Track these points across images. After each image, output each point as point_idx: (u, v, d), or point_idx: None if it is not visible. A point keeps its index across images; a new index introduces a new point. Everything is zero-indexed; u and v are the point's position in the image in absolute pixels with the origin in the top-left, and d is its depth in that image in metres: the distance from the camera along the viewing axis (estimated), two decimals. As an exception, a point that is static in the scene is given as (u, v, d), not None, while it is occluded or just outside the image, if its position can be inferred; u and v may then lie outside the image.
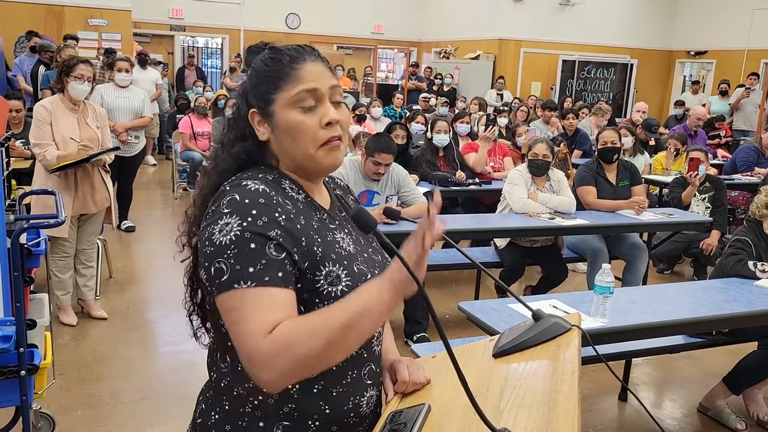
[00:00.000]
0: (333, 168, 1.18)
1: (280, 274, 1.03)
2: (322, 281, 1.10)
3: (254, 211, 1.05)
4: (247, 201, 1.06)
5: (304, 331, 0.99)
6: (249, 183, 1.09)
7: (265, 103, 1.14)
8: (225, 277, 1.02)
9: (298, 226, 1.09)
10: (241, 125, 1.18)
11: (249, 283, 1.01)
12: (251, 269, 1.02)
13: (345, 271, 1.12)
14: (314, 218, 1.15)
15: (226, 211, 1.05)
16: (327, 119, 1.13)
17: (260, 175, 1.13)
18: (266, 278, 1.02)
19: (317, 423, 1.14)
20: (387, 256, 1.28)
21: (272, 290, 1.02)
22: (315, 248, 1.10)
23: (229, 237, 1.03)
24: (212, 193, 1.14)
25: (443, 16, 14.41)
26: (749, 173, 6.38)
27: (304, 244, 1.08)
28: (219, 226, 1.05)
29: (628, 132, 6.03)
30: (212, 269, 1.04)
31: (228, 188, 1.10)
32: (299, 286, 1.08)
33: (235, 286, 1.01)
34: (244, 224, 1.04)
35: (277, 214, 1.07)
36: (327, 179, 1.28)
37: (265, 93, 1.14)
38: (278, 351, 0.97)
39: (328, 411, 1.14)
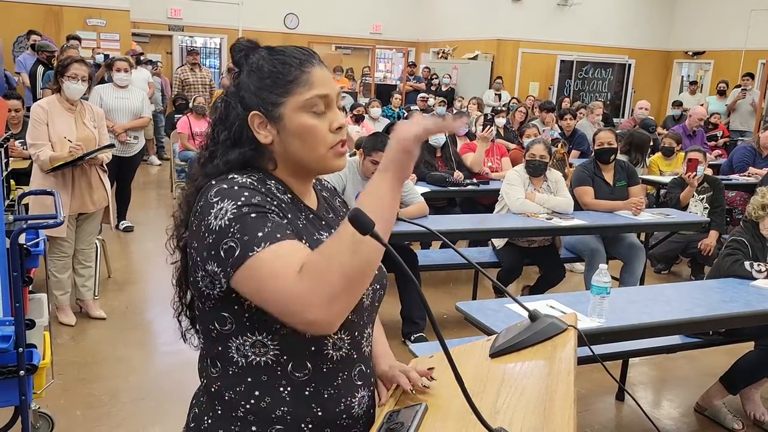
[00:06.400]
0: (338, 170, 1.20)
1: (288, 232, 1.05)
2: None
3: (246, 194, 1.07)
4: (236, 188, 1.07)
5: (327, 251, 0.99)
6: (236, 176, 1.11)
7: (272, 105, 1.13)
8: (237, 252, 1.02)
9: (285, 221, 1.10)
10: (236, 127, 1.15)
11: (263, 245, 1.01)
12: (260, 234, 1.02)
13: None
14: (300, 218, 1.16)
15: (216, 199, 1.06)
16: (337, 123, 1.16)
17: (245, 175, 1.13)
18: (278, 235, 1.03)
19: (310, 426, 1.14)
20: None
21: (287, 242, 1.03)
22: (303, 241, 1.10)
23: (227, 218, 1.04)
24: (196, 194, 1.14)
25: (441, 17, 14.40)
26: (745, 173, 6.40)
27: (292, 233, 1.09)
28: (213, 213, 1.05)
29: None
30: (221, 252, 1.03)
31: (213, 182, 1.11)
32: None
33: (250, 253, 1.01)
34: (239, 203, 1.05)
35: (267, 201, 1.08)
36: (314, 181, 1.28)
37: (273, 96, 1.13)
38: (314, 281, 0.97)
39: (320, 413, 1.14)
